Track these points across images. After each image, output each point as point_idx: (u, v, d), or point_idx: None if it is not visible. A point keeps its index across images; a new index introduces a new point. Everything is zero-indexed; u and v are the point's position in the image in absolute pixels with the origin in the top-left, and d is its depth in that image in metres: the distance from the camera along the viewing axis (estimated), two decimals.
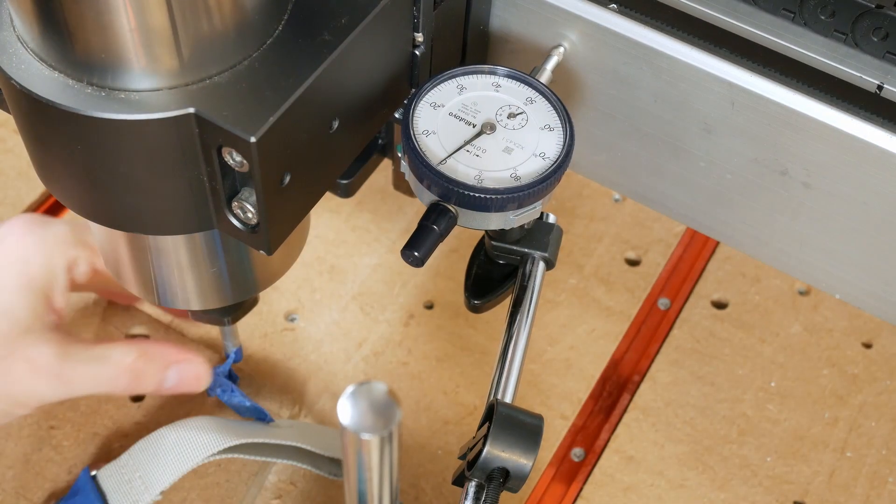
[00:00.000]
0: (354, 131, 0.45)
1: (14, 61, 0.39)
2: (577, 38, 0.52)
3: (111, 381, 0.54)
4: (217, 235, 0.46)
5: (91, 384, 0.53)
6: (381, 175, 0.63)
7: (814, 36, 0.47)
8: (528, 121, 0.47)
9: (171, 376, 0.56)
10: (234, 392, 0.60)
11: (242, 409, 0.60)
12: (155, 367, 0.55)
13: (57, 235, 0.54)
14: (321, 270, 0.70)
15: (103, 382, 0.54)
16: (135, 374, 0.54)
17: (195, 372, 0.57)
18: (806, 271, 0.54)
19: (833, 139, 0.47)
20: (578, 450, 0.63)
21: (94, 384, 0.54)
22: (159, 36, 0.37)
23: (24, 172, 0.73)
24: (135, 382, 0.54)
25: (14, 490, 0.58)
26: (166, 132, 0.38)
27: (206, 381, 0.57)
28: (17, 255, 0.53)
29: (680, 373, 0.66)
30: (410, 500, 0.60)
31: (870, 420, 0.64)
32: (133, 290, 0.51)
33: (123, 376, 0.54)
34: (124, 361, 0.54)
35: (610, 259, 0.71)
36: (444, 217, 0.44)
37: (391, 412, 0.33)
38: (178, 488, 0.58)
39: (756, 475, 0.62)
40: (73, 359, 0.53)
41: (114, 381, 0.54)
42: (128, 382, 0.54)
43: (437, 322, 0.67)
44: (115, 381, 0.54)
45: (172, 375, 0.56)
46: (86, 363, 0.53)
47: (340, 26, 0.41)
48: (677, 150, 0.53)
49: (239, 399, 0.60)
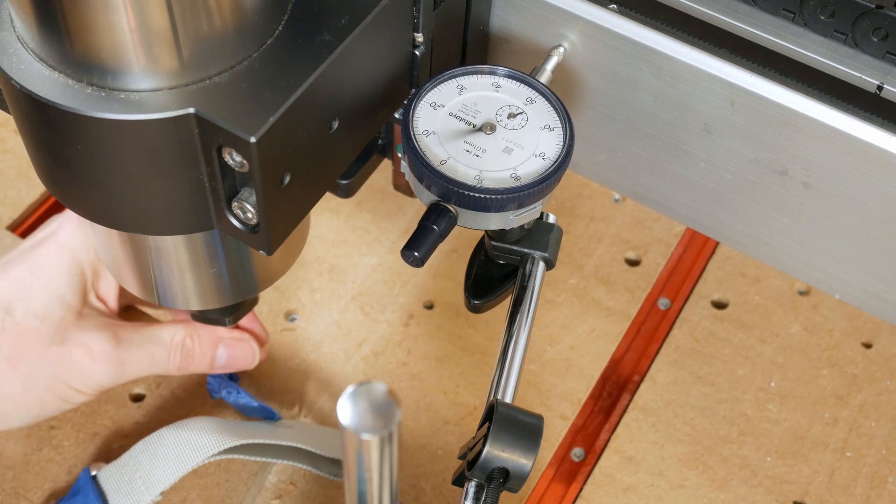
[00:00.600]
0: (354, 131, 0.45)
1: (14, 61, 0.39)
2: (577, 38, 0.52)
3: (164, 361, 0.55)
4: (217, 235, 0.46)
5: (146, 366, 0.55)
6: (381, 175, 0.63)
7: (814, 36, 0.47)
8: (528, 121, 0.47)
9: (221, 354, 0.57)
10: (240, 393, 0.60)
11: (249, 409, 0.60)
12: (205, 345, 0.56)
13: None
14: (321, 270, 0.70)
15: (157, 363, 0.55)
16: (186, 352, 0.56)
17: (245, 348, 0.58)
18: (806, 271, 0.54)
19: (833, 139, 0.47)
20: (578, 450, 0.63)
21: (149, 365, 0.55)
22: (159, 36, 0.37)
23: (24, 172, 0.73)
24: (187, 361, 0.56)
25: (14, 490, 0.58)
26: (166, 132, 0.38)
27: (257, 356, 0.59)
28: (70, 245, 0.54)
29: (680, 373, 0.66)
30: (410, 500, 0.60)
31: (870, 420, 0.64)
32: (133, 290, 0.51)
33: (175, 355, 0.55)
34: (174, 340, 0.55)
35: (610, 259, 0.71)
36: (444, 217, 0.44)
37: (391, 412, 0.33)
38: (178, 488, 0.58)
39: (756, 475, 0.62)
40: (127, 342, 0.54)
41: (166, 360, 0.55)
42: (180, 361, 0.56)
43: (437, 322, 0.67)
44: (168, 361, 0.55)
45: (222, 353, 0.57)
46: (139, 345, 0.54)
47: (340, 26, 0.41)
48: (677, 150, 0.53)
49: (246, 399, 0.60)
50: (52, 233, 0.55)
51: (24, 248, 0.55)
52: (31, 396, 0.53)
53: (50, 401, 0.53)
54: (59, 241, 0.54)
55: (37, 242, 0.55)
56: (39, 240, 0.55)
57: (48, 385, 0.53)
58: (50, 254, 0.54)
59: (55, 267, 0.53)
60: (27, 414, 0.54)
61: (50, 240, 0.54)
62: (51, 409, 0.54)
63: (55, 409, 0.54)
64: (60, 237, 0.54)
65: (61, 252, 0.54)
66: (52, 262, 0.53)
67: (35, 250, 0.54)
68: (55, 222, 0.55)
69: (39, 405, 0.53)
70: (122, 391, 0.63)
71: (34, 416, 0.54)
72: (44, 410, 0.54)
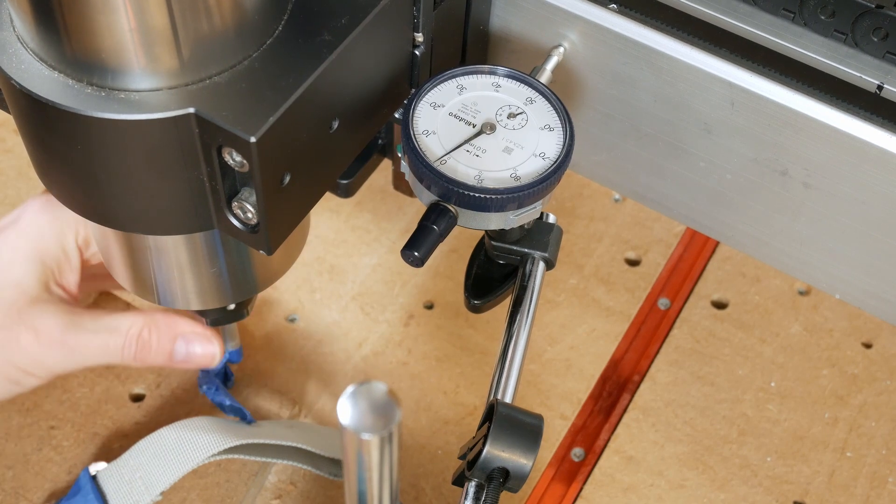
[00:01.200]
0: (354, 131, 0.45)
1: (14, 61, 0.39)
2: (577, 38, 0.52)
3: (119, 351, 0.54)
4: (217, 235, 0.46)
5: (99, 354, 0.54)
6: (381, 175, 0.63)
7: (814, 36, 0.47)
8: (528, 121, 0.47)
9: (180, 349, 0.56)
10: (217, 390, 0.60)
11: (224, 408, 0.60)
12: (163, 338, 0.55)
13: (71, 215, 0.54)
14: (321, 270, 0.70)
15: (111, 352, 0.54)
16: (142, 343, 0.54)
17: (206, 346, 0.56)
18: (806, 271, 0.54)
19: (833, 139, 0.47)
20: (578, 450, 0.63)
21: (102, 354, 0.54)
22: (159, 36, 0.37)
23: (24, 172, 0.73)
24: (143, 353, 0.55)
25: (14, 490, 0.58)
26: (166, 132, 0.38)
27: (217, 356, 0.57)
28: (30, 231, 0.54)
29: (680, 373, 0.66)
30: (410, 500, 0.60)
31: (870, 420, 0.64)
32: (133, 290, 0.51)
33: (131, 346, 0.54)
34: (131, 331, 0.54)
35: (610, 259, 0.71)
36: (444, 217, 0.44)
37: (391, 412, 0.33)
38: (178, 488, 0.58)
39: (756, 475, 0.62)
40: (81, 328, 0.53)
41: (121, 350, 0.54)
42: (136, 352, 0.55)
43: (437, 322, 0.67)
44: (123, 351, 0.54)
45: (181, 348, 0.56)
46: (93, 332, 0.54)
47: (340, 26, 0.41)
48: (677, 150, 0.53)
49: (220, 398, 0.60)
50: (14, 220, 0.55)
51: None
52: None
53: (1, 383, 0.53)
54: (20, 228, 0.54)
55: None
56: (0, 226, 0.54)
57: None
58: (8, 240, 0.53)
59: (12, 252, 0.53)
60: None
61: (10, 227, 0.54)
62: (3, 391, 0.53)
63: (7, 392, 0.54)
64: (21, 225, 0.54)
65: (20, 237, 0.53)
66: (10, 248, 0.53)
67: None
68: (17, 211, 0.55)
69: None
70: (122, 391, 0.63)
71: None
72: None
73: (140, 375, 0.64)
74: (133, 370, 0.64)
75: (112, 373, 0.63)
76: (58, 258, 0.54)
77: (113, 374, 0.63)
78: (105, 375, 0.63)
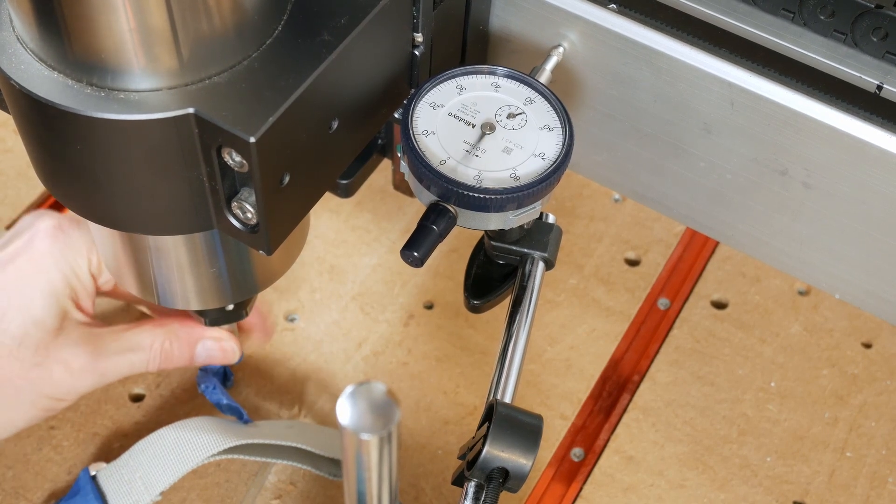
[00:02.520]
0: (354, 131, 0.45)
1: (14, 61, 0.39)
2: (577, 38, 0.52)
3: (144, 365, 0.56)
4: (217, 235, 0.46)
5: (125, 371, 0.56)
6: (381, 175, 0.63)
7: (813, 36, 0.47)
8: (527, 121, 0.47)
9: (201, 353, 0.57)
10: (215, 389, 0.60)
11: (221, 407, 0.60)
12: (184, 346, 0.57)
13: (80, 240, 0.54)
14: (321, 270, 0.70)
15: (137, 367, 0.56)
16: (165, 355, 0.56)
17: (224, 347, 0.58)
18: (806, 271, 0.54)
19: (833, 139, 0.47)
20: (578, 450, 0.63)
21: (129, 370, 0.56)
22: (159, 36, 0.37)
23: (24, 172, 0.73)
24: (166, 363, 0.56)
25: (14, 490, 0.58)
26: (166, 132, 0.38)
27: (237, 351, 0.59)
28: (44, 262, 0.54)
29: (680, 373, 0.66)
30: (410, 500, 0.60)
31: (870, 420, 0.64)
32: (133, 290, 0.51)
33: (155, 359, 0.56)
34: (154, 346, 0.56)
35: (610, 259, 0.71)
36: (443, 217, 0.44)
37: (391, 412, 0.33)
38: (178, 488, 0.58)
39: (756, 475, 0.62)
40: (106, 352, 0.54)
41: (146, 364, 0.56)
42: (160, 363, 0.56)
43: (437, 322, 0.67)
44: (149, 365, 0.56)
45: (201, 352, 0.57)
46: (118, 354, 0.55)
47: (340, 26, 0.41)
48: (677, 150, 0.53)
49: (217, 397, 0.60)
50: (24, 247, 0.54)
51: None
52: (17, 414, 0.54)
53: (34, 414, 0.54)
54: (34, 258, 0.53)
55: (9, 258, 0.53)
56: (11, 255, 0.54)
57: (32, 402, 0.53)
58: (24, 274, 0.53)
59: (30, 288, 0.53)
60: (14, 427, 0.55)
61: (23, 257, 0.53)
62: (36, 419, 0.55)
63: (40, 419, 0.55)
64: (34, 255, 0.53)
65: (36, 271, 0.53)
66: (27, 283, 0.53)
67: (8, 268, 0.53)
68: (26, 235, 0.54)
69: (25, 419, 0.54)
70: (122, 391, 0.63)
71: (20, 427, 0.55)
72: (30, 421, 0.55)
73: (140, 375, 0.64)
74: None
75: None
76: (74, 287, 0.55)
77: None
78: None
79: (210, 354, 0.58)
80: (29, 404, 0.54)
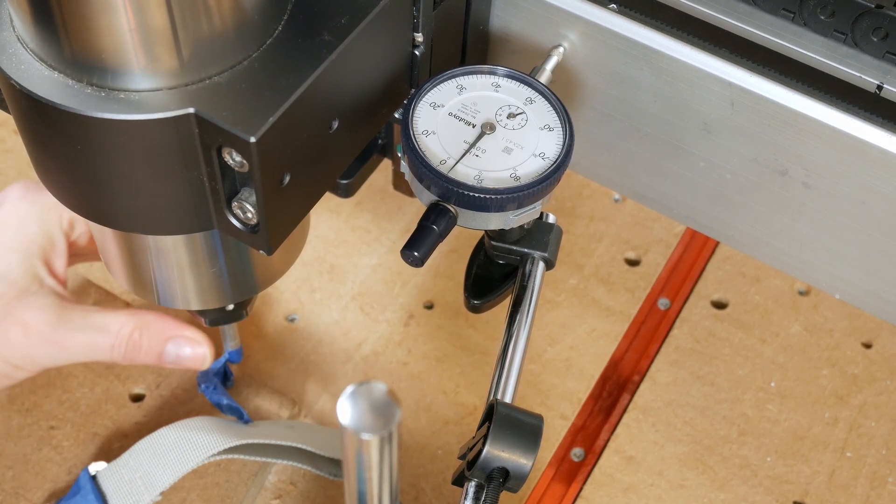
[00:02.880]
0: (354, 131, 0.45)
1: (14, 61, 0.39)
2: (577, 38, 0.52)
3: (108, 350, 0.54)
4: (217, 235, 0.46)
5: (87, 351, 0.54)
6: (381, 175, 0.63)
7: (814, 36, 0.47)
8: (527, 121, 0.47)
9: (170, 350, 0.55)
10: (215, 389, 0.60)
11: (221, 407, 0.60)
12: (153, 340, 0.55)
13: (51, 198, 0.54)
14: (321, 270, 0.70)
15: (100, 351, 0.54)
16: (132, 344, 0.54)
17: (194, 349, 0.56)
18: (806, 271, 0.54)
19: (833, 139, 0.47)
20: (578, 450, 0.63)
21: (91, 352, 0.54)
22: (159, 36, 0.37)
23: (24, 172, 0.73)
24: (132, 353, 0.54)
25: (14, 490, 0.58)
26: (166, 132, 0.38)
27: (206, 359, 0.56)
28: (12, 219, 0.53)
29: (680, 373, 0.66)
30: (410, 500, 0.60)
31: (870, 420, 0.64)
32: (133, 290, 0.51)
33: (120, 346, 0.54)
34: (122, 332, 0.54)
35: (610, 259, 0.71)
36: (443, 217, 0.44)
37: (391, 412, 0.33)
38: (178, 488, 0.58)
39: (756, 475, 0.62)
40: (70, 325, 0.53)
41: (110, 350, 0.54)
42: (125, 352, 0.54)
43: (437, 322, 0.67)
44: (112, 351, 0.54)
45: (171, 350, 0.55)
46: (82, 331, 0.53)
47: (340, 26, 0.41)
48: (677, 150, 0.53)
49: (218, 397, 0.60)
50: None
51: None
52: None
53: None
54: (2, 218, 0.53)
55: None
56: None
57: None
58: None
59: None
60: None
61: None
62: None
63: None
64: (2, 215, 0.53)
65: (4, 227, 0.53)
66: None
67: None
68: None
69: None
70: (122, 391, 0.63)
71: None
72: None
73: (140, 375, 0.64)
74: (133, 370, 0.64)
75: (112, 373, 0.63)
76: (43, 246, 0.53)
77: (113, 374, 0.63)
78: (105, 375, 0.63)
79: (180, 354, 0.55)
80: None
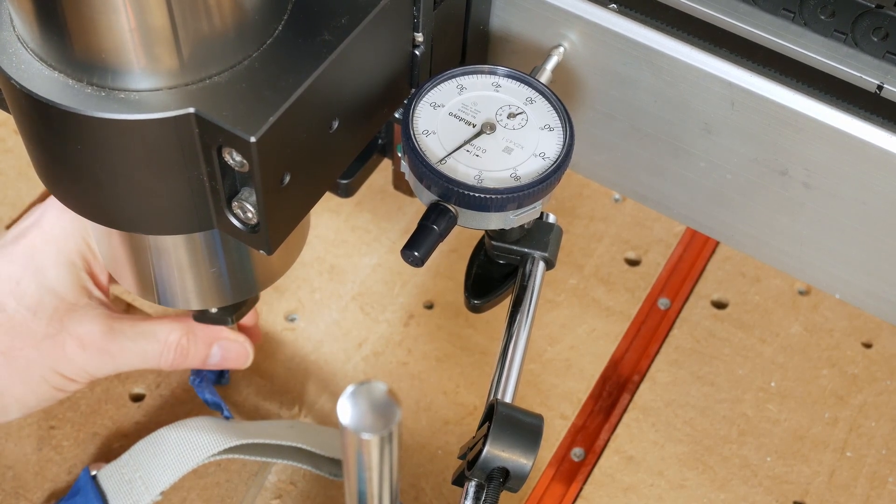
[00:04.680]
0: (354, 131, 0.45)
1: (14, 61, 0.39)
2: (577, 38, 0.52)
3: (157, 357, 0.56)
4: (217, 235, 0.46)
5: (138, 360, 0.55)
6: (381, 175, 0.63)
7: (814, 36, 0.47)
8: (527, 121, 0.47)
9: (216, 353, 0.57)
10: (202, 383, 0.60)
11: (206, 402, 0.60)
12: (200, 345, 0.57)
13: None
14: (321, 270, 0.70)
15: (150, 358, 0.55)
16: (180, 350, 0.56)
17: (238, 349, 0.58)
18: (806, 271, 0.54)
19: (833, 139, 0.47)
20: (578, 450, 0.63)
21: (141, 360, 0.55)
22: (159, 36, 0.37)
23: (24, 172, 0.73)
24: (181, 359, 0.56)
25: (14, 490, 0.58)
26: (166, 132, 0.38)
27: (250, 357, 0.59)
28: (54, 233, 0.54)
29: (680, 373, 0.66)
30: (410, 500, 0.60)
31: (870, 420, 0.64)
32: (133, 290, 0.51)
33: (170, 353, 0.56)
34: (170, 339, 0.55)
35: (610, 259, 0.71)
36: (444, 217, 0.44)
37: (391, 412, 0.33)
38: (178, 488, 0.58)
39: (756, 475, 0.62)
40: (121, 335, 0.54)
41: (160, 357, 0.56)
42: (174, 359, 0.56)
43: (437, 322, 0.67)
44: (162, 358, 0.56)
45: (216, 352, 0.57)
46: (133, 340, 0.54)
47: (340, 26, 0.41)
48: (677, 150, 0.53)
49: (203, 392, 0.60)
50: (35, 222, 0.54)
51: (8, 240, 0.54)
52: (28, 388, 0.53)
53: (45, 391, 0.54)
54: (44, 230, 0.54)
55: (20, 233, 0.54)
56: (23, 230, 0.54)
57: (43, 376, 0.53)
58: (35, 245, 0.53)
59: (43, 257, 0.53)
60: (25, 405, 0.54)
61: (34, 230, 0.54)
62: (46, 398, 0.54)
63: (51, 398, 0.55)
64: (44, 226, 0.54)
65: (47, 242, 0.53)
66: (39, 253, 0.53)
67: (20, 241, 0.54)
68: (37, 211, 0.55)
69: (36, 396, 0.54)
70: (122, 391, 0.63)
71: (31, 406, 0.54)
72: (40, 401, 0.54)
73: (140, 375, 0.64)
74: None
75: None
76: (87, 258, 0.54)
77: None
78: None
79: (225, 356, 0.58)
80: (40, 379, 0.53)
